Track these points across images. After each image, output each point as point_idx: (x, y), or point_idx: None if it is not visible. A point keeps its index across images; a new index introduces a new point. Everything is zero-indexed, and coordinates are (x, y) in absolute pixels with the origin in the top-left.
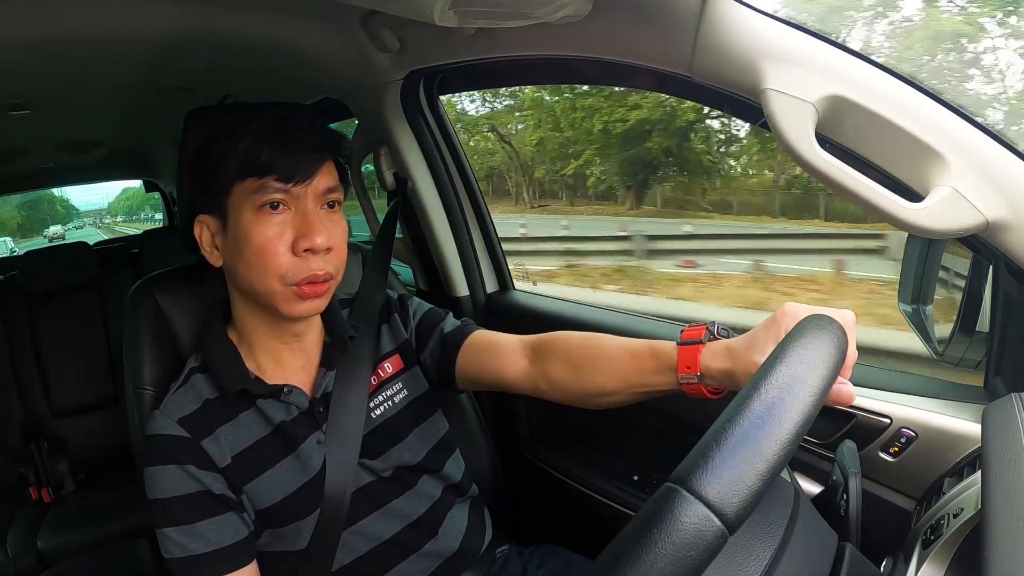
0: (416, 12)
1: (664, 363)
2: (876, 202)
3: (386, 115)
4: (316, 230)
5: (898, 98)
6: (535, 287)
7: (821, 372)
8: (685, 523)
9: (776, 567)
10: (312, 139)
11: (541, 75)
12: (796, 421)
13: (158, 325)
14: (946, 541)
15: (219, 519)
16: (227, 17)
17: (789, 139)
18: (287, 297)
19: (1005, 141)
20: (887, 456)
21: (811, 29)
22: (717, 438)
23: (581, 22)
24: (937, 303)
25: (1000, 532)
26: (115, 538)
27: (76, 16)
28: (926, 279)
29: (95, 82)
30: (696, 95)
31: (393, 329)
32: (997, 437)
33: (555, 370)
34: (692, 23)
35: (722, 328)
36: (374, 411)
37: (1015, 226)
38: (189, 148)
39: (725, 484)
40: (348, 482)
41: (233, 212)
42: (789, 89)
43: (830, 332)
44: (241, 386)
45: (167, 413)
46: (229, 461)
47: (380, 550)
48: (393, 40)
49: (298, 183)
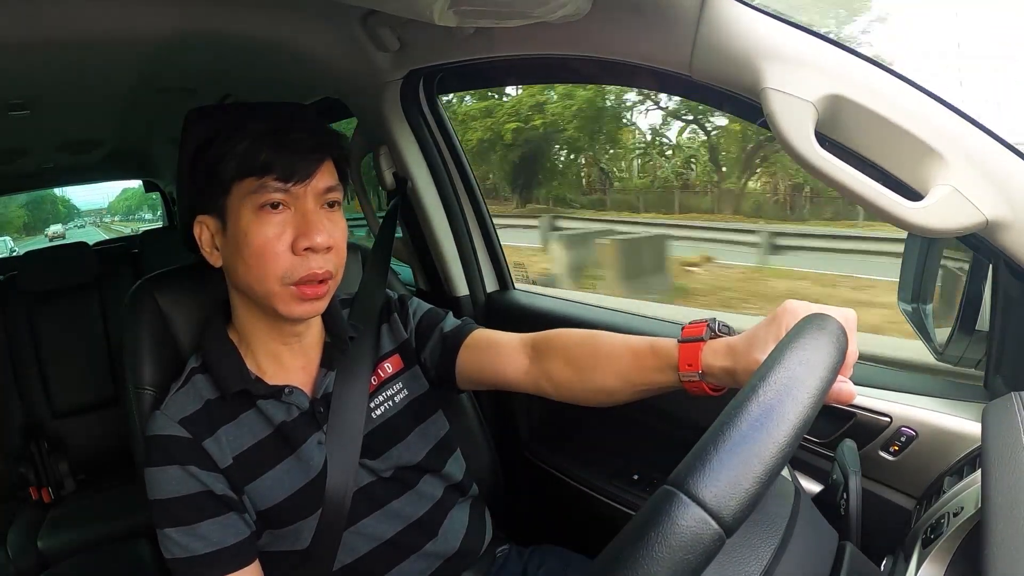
0: (416, 12)
1: (665, 361)
2: (876, 201)
3: (386, 115)
4: (316, 229)
5: (898, 97)
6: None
7: (819, 373)
8: (682, 526)
9: (776, 566)
10: (311, 139)
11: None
12: (794, 423)
13: (158, 325)
14: (946, 540)
15: (220, 519)
16: (227, 17)
17: (789, 138)
18: (286, 298)
19: (1005, 141)
20: (887, 455)
21: (811, 29)
22: (714, 440)
23: (581, 22)
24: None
25: (1000, 531)
26: (115, 538)
27: (76, 16)
28: (926, 278)
29: (95, 82)
30: (696, 94)
31: (393, 329)
32: (997, 436)
33: (556, 368)
34: (692, 22)
35: (723, 325)
36: (374, 411)
37: (1015, 225)
38: (189, 148)
39: (722, 487)
40: (349, 482)
41: (232, 212)
42: (789, 88)
43: (829, 332)
44: (241, 387)
45: (168, 413)
46: (230, 461)
47: (380, 550)
48: (393, 40)
49: (298, 183)
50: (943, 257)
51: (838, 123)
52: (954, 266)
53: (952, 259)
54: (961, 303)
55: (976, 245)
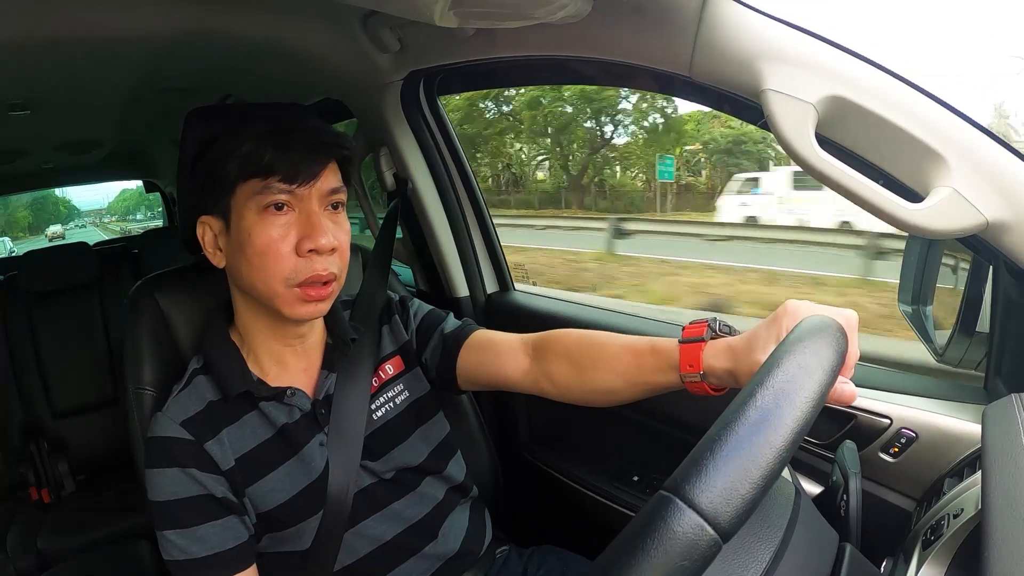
0: (416, 12)
1: (666, 361)
2: (876, 202)
3: (386, 116)
4: (320, 231)
5: (898, 98)
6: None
7: (819, 376)
8: (678, 532)
9: (776, 567)
10: (316, 140)
11: (541, 75)
12: (792, 428)
13: (158, 325)
14: (946, 541)
15: (220, 523)
16: (227, 17)
17: (789, 140)
18: (290, 300)
19: (1005, 141)
20: (887, 456)
21: (811, 30)
22: (711, 445)
23: (581, 22)
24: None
25: (1000, 532)
26: (115, 538)
27: (76, 16)
28: (926, 280)
29: (95, 82)
30: (696, 95)
31: (394, 330)
32: (997, 437)
33: (556, 368)
34: (692, 23)
35: (723, 325)
36: (375, 413)
37: (1015, 226)
38: (190, 149)
39: (718, 492)
40: (350, 484)
41: (236, 213)
42: (789, 90)
43: (829, 334)
44: (244, 388)
45: (170, 415)
46: (232, 464)
47: (381, 552)
48: (393, 40)
49: (302, 184)
50: (943, 258)
51: (838, 124)
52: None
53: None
54: (961, 304)
55: (976, 246)
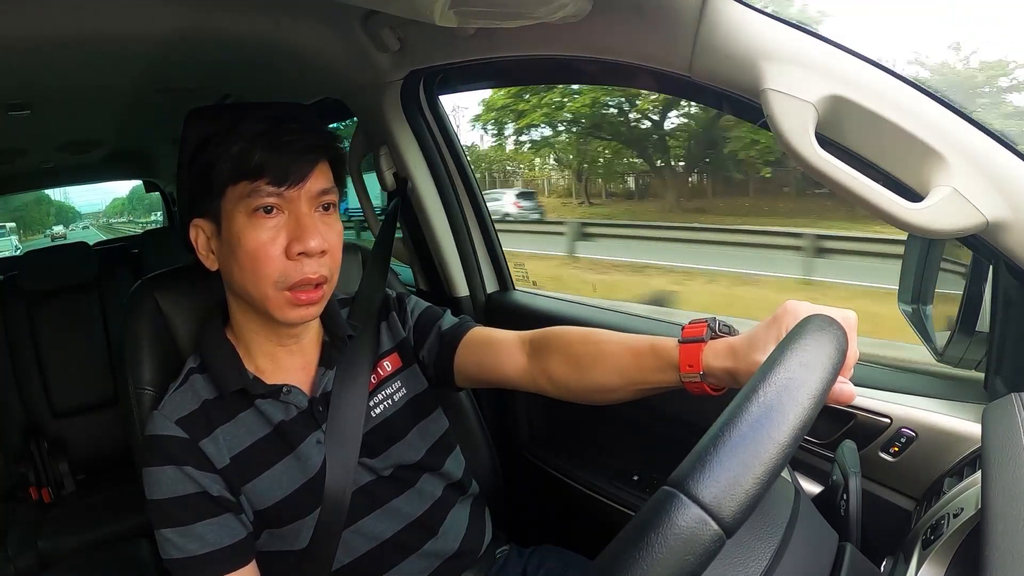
0: (416, 12)
1: (666, 361)
2: (876, 202)
3: (386, 115)
4: (310, 234)
5: (898, 98)
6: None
7: (819, 374)
8: (681, 527)
9: (776, 567)
10: (305, 140)
11: (541, 75)
12: (794, 424)
13: (158, 325)
14: (946, 541)
15: (216, 520)
16: (227, 17)
17: (789, 139)
18: (280, 303)
19: (1005, 141)
20: (887, 456)
21: (811, 29)
22: (714, 441)
23: (581, 22)
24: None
25: (1000, 532)
26: (115, 538)
27: (76, 16)
28: (926, 279)
29: (95, 82)
30: (696, 95)
31: (392, 327)
32: (997, 437)
33: (555, 366)
34: (692, 23)
35: (723, 325)
36: (374, 410)
37: (1015, 226)
38: (187, 149)
39: (722, 487)
40: (348, 481)
41: (226, 216)
42: (789, 89)
43: (830, 333)
44: (239, 385)
45: (165, 414)
46: (228, 462)
47: (380, 550)
48: (393, 40)
49: (291, 186)
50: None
51: (838, 124)
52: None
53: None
54: (961, 304)
55: (976, 246)
